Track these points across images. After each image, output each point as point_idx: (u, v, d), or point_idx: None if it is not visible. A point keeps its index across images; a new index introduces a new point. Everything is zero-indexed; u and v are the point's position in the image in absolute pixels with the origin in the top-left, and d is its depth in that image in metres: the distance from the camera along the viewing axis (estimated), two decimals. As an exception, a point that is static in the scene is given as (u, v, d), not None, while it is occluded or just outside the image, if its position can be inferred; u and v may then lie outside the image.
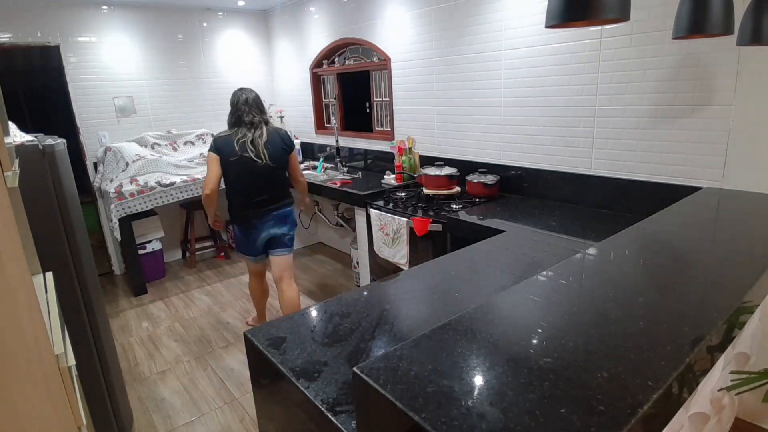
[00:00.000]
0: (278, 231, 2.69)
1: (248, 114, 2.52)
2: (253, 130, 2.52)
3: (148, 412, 2.40)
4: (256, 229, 2.65)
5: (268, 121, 2.64)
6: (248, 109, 2.53)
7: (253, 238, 2.67)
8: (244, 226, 2.66)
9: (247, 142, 2.49)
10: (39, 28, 3.66)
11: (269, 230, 2.67)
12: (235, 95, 2.58)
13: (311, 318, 1.34)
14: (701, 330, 0.80)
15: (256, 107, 2.56)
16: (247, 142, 2.49)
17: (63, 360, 0.93)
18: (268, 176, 2.57)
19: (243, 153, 2.48)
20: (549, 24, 1.00)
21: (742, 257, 1.12)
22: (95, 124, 4.03)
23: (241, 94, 2.57)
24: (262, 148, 2.50)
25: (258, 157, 2.49)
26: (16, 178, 1.07)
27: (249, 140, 2.49)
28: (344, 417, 0.93)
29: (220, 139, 2.52)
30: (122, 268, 4.31)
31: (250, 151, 2.48)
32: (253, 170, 2.51)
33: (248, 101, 2.54)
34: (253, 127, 2.52)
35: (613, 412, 0.61)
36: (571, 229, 2.08)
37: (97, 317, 1.93)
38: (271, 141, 2.54)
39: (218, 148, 2.50)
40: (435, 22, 3.01)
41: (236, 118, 2.54)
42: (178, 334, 3.17)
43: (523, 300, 0.95)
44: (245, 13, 4.67)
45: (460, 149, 3.07)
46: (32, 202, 1.59)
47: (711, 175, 1.97)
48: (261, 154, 2.50)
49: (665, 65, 2.01)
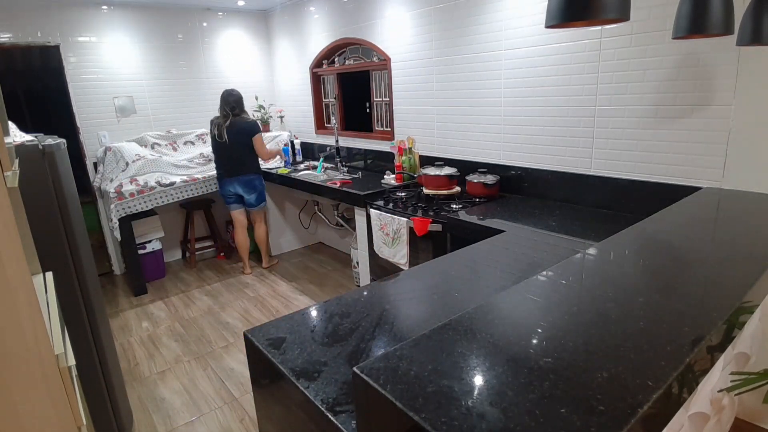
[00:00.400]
0: (242, 191, 3.88)
1: (221, 108, 3.74)
2: (221, 119, 3.72)
3: (148, 412, 2.40)
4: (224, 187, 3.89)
5: (238, 113, 3.72)
6: (222, 105, 3.74)
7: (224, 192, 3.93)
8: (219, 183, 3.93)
9: (215, 126, 3.75)
10: (39, 28, 3.66)
11: (236, 189, 3.87)
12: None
13: (311, 318, 1.34)
14: (701, 330, 0.80)
15: (227, 103, 3.70)
16: (215, 126, 3.75)
17: (63, 360, 0.93)
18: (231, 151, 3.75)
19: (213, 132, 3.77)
20: (549, 24, 1.00)
21: (742, 257, 1.12)
22: (95, 124, 4.03)
23: (222, 95, 3.76)
24: (223, 131, 3.68)
25: (220, 137, 3.70)
26: (16, 178, 1.07)
27: (216, 125, 3.74)
28: (344, 417, 0.93)
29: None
30: (122, 268, 4.31)
31: (215, 133, 3.74)
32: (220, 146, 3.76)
33: (224, 99, 3.73)
34: (222, 117, 3.72)
35: (613, 412, 0.61)
36: (571, 229, 2.08)
37: (97, 317, 1.93)
38: (231, 127, 3.69)
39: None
40: (435, 22, 3.01)
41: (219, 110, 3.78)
42: (178, 334, 3.17)
43: (523, 300, 0.95)
44: (245, 13, 4.67)
45: (460, 149, 3.07)
46: (32, 202, 1.59)
47: (711, 175, 1.97)
48: (223, 135, 3.69)
49: (665, 65, 2.01)
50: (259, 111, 4.71)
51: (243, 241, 4.09)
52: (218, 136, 3.69)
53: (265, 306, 3.50)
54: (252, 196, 3.92)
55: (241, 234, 4.07)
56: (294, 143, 4.59)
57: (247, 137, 3.74)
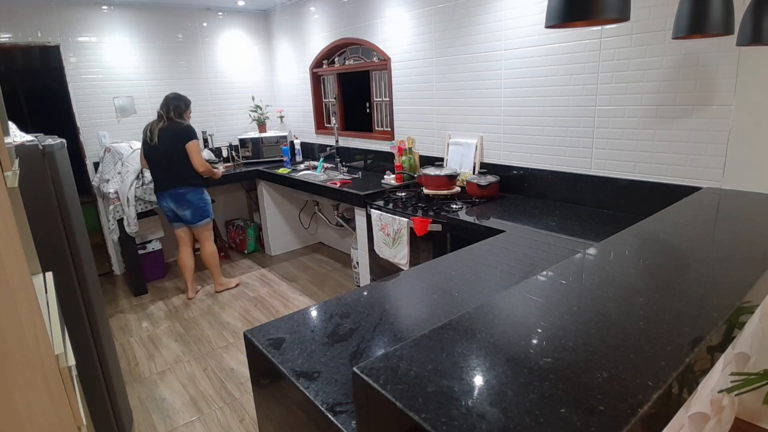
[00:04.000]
0: (174, 206, 3.41)
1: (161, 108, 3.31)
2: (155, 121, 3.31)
3: (148, 412, 2.40)
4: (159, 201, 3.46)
5: (172, 118, 3.28)
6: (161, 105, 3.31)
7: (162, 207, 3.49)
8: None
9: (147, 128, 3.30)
10: (39, 28, 3.66)
11: (168, 204, 3.41)
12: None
13: (311, 318, 1.34)
14: (701, 330, 0.80)
15: (165, 106, 3.29)
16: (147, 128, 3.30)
17: (63, 360, 0.93)
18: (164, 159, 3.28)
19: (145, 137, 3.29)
20: (549, 24, 1.00)
21: (742, 257, 1.12)
22: (95, 124, 4.03)
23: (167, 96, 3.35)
24: (155, 134, 3.25)
25: (150, 139, 3.26)
26: (16, 178, 1.07)
27: (148, 127, 3.30)
28: (344, 417, 0.93)
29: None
30: (122, 268, 4.31)
31: (147, 135, 3.29)
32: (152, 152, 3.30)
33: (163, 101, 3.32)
34: (158, 119, 3.31)
35: (613, 412, 0.61)
36: (571, 229, 2.08)
37: (97, 317, 1.93)
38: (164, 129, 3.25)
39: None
40: (435, 22, 3.01)
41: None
42: (178, 334, 3.17)
43: (523, 300, 0.95)
44: (245, 13, 4.67)
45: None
46: (32, 202, 1.59)
47: (711, 175, 1.97)
48: (154, 137, 3.25)
49: (665, 65, 2.01)
50: (256, 111, 4.71)
51: (185, 261, 3.60)
52: (149, 138, 3.24)
53: (265, 306, 3.50)
54: (186, 212, 3.40)
55: (183, 253, 3.58)
56: (294, 143, 4.59)
57: (180, 143, 3.24)
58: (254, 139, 4.51)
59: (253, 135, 4.55)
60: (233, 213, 4.95)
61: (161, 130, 3.23)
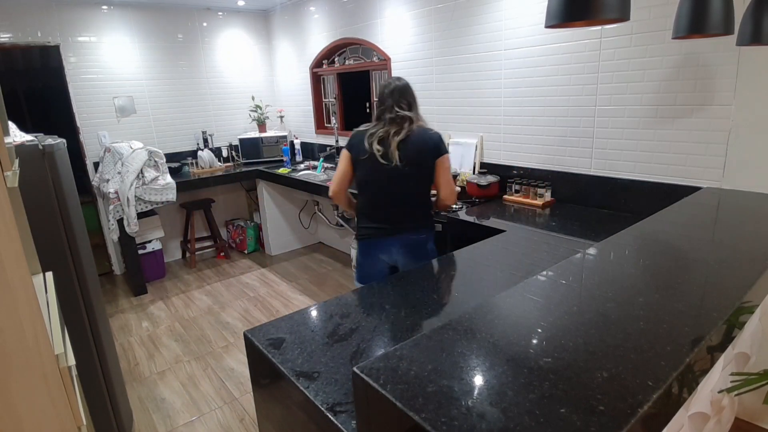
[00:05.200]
0: (402, 261, 2.00)
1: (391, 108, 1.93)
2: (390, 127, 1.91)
3: (148, 412, 2.40)
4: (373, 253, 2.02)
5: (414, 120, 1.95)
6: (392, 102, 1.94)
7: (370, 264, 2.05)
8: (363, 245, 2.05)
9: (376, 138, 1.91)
10: (39, 28, 3.66)
11: (392, 257, 2.01)
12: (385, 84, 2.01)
13: (311, 318, 1.34)
14: (701, 330, 0.80)
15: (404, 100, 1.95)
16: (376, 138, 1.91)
17: (63, 360, 0.93)
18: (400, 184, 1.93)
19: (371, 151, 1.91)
20: (549, 24, 1.00)
21: (742, 257, 1.12)
22: (95, 124, 4.03)
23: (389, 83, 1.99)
24: (394, 148, 1.88)
25: (385, 157, 1.89)
26: (16, 178, 1.07)
27: (379, 137, 1.91)
28: (344, 417, 0.93)
29: (357, 133, 2.00)
30: (122, 268, 4.31)
31: (377, 150, 1.90)
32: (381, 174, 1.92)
33: (393, 92, 1.95)
34: (394, 124, 1.91)
35: (613, 412, 0.61)
36: (571, 229, 2.08)
37: (97, 317, 1.93)
38: (411, 141, 1.89)
39: (351, 144, 1.99)
40: (435, 22, 3.01)
41: (379, 112, 1.98)
42: (178, 334, 3.17)
43: (523, 300, 0.95)
44: (245, 13, 4.67)
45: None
46: (32, 202, 1.59)
47: (711, 175, 1.97)
48: (392, 155, 1.88)
49: (665, 65, 2.01)
50: (256, 111, 4.71)
51: None
52: (382, 156, 1.89)
53: (265, 306, 3.50)
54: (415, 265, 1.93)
55: None
56: (294, 143, 4.59)
57: (430, 159, 1.92)
58: (254, 139, 4.51)
59: (253, 135, 4.55)
60: (233, 213, 4.95)
61: (403, 143, 1.89)
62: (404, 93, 1.96)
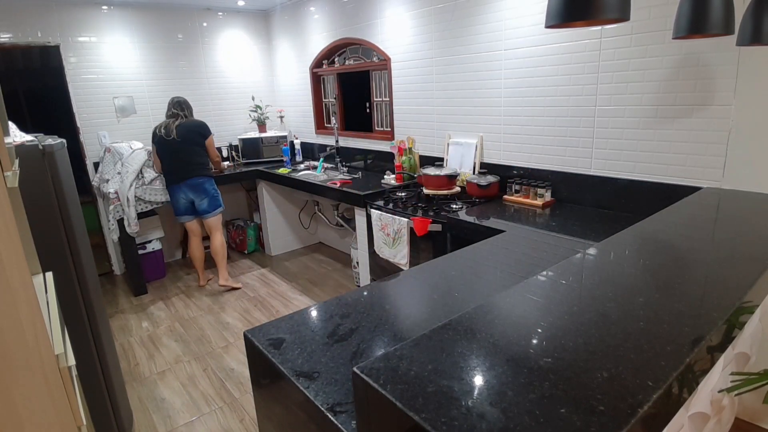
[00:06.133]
0: (193, 196, 3.61)
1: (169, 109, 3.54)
2: (169, 120, 3.51)
3: (148, 412, 2.40)
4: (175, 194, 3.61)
5: (187, 116, 3.56)
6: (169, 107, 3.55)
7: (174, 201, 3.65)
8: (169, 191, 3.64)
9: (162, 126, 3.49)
10: (39, 28, 3.66)
11: (187, 195, 3.59)
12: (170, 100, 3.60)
13: (311, 318, 1.34)
14: (701, 330, 0.80)
15: (178, 106, 3.55)
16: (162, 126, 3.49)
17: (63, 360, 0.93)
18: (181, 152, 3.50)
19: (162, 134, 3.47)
20: (549, 24, 1.00)
21: (742, 257, 1.12)
22: (95, 124, 4.03)
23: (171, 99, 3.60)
24: (172, 129, 3.46)
25: (167, 135, 3.45)
26: (16, 178, 1.07)
27: (163, 125, 3.49)
28: (344, 417, 0.93)
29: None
30: (122, 268, 4.31)
31: (162, 132, 3.47)
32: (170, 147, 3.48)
33: (171, 102, 3.56)
34: (170, 118, 3.52)
35: (613, 412, 0.61)
36: (571, 229, 2.08)
37: (97, 317, 1.93)
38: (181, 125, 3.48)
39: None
40: (435, 22, 3.01)
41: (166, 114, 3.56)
42: (178, 334, 3.17)
43: (523, 300, 0.95)
44: (245, 13, 4.67)
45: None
46: (32, 202, 1.59)
47: (711, 175, 1.97)
48: (172, 133, 3.45)
49: (665, 65, 2.01)
50: (256, 111, 4.71)
51: (196, 251, 3.80)
52: (166, 134, 3.42)
53: (265, 306, 3.50)
54: (204, 201, 3.61)
55: (194, 244, 3.78)
56: (294, 143, 4.59)
57: (199, 137, 3.53)
58: (254, 139, 4.51)
59: (253, 135, 4.55)
60: (233, 213, 4.95)
61: (179, 126, 3.46)
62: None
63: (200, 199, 3.60)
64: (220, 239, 3.77)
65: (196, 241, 3.80)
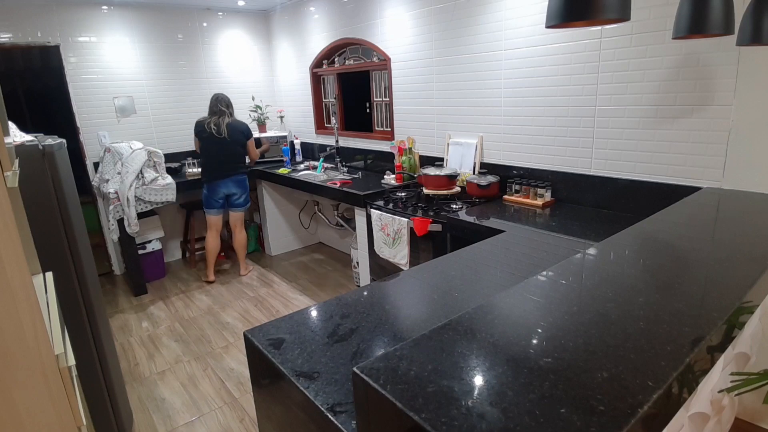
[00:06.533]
0: (235, 190, 3.86)
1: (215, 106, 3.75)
2: (217, 117, 3.73)
3: (148, 412, 2.40)
4: (216, 188, 3.82)
5: (233, 114, 3.81)
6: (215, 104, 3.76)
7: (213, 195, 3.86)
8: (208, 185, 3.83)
9: (212, 123, 3.71)
10: (39, 28, 3.66)
11: (229, 189, 3.84)
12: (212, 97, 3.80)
13: (311, 318, 1.34)
14: (701, 330, 0.80)
15: (224, 103, 3.75)
16: (212, 123, 3.71)
17: (63, 360, 0.93)
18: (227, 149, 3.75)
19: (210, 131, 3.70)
20: (549, 24, 1.00)
21: (742, 257, 1.12)
22: (95, 124, 4.03)
23: (215, 96, 3.79)
24: (223, 129, 3.70)
25: (219, 133, 3.69)
26: (16, 178, 1.07)
27: (212, 122, 3.71)
28: (344, 417, 0.93)
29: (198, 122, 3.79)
30: (122, 268, 4.31)
31: (212, 129, 3.69)
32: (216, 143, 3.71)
33: (218, 99, 3.76)
34: (218, 115, 3.73)
35: (613, 412, 0.61)
36: (571, 229, 2.08)
37: (97, 317, 1.93)
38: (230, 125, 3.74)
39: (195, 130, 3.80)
40: (435, 22, 3.01)
41: (209, 110, 3.78)
42: (178, 334, 3.17)
43: (523, 300, 0.95)
44: (245, 13, 4.67)
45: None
46: (32, 202, 1.59)
47: (711, 175, 1.97)
48: (223, 131, 3.70)
49: (665, 65, 2.01)
50: (256, 111, 4.71)
51: (212, 244, 3.95)
52: (217, 132, 3.66)
53: (265, 306, 3.50)
54: (242, 196, 3.90)
55: (211, 237, 3.94)
56: (294, 143, 4.59)
57: (243, 137, 3.81)
58: (254, 139, 4.50)
59: (254, 135, 4.54)
60: (233, 213, 4.95)
61: (229, 125, 3.71)
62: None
63: (240, 194, 3.88)
64: (243, 234, 4.06)
65: (214, 235, 3.95)
